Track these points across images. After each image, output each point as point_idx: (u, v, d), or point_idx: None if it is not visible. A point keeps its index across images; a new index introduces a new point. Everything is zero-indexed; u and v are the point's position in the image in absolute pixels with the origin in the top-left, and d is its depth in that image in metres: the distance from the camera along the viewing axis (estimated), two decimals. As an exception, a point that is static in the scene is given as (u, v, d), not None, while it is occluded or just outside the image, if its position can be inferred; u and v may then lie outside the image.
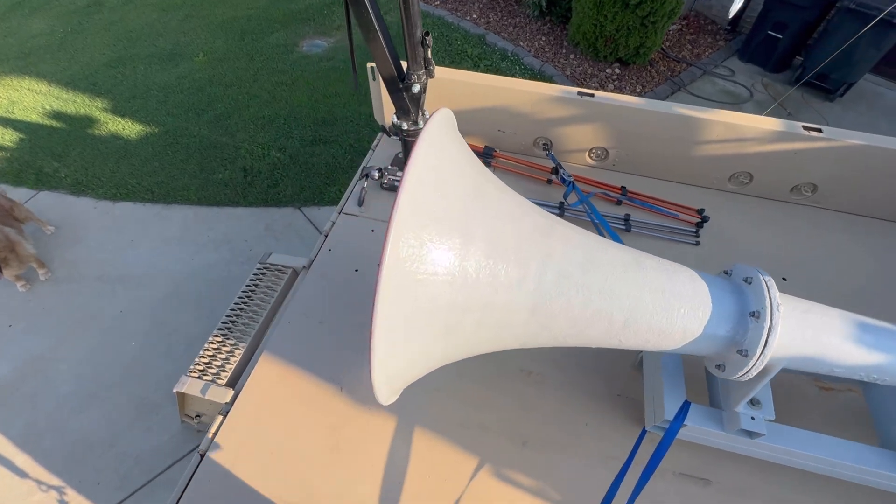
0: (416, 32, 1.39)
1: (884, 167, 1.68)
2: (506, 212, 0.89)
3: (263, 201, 4.04)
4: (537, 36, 5.71)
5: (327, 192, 4.09)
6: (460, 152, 0.90)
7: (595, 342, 0.96)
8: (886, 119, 4.93)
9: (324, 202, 4.05)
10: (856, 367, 0.90)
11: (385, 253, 0.73)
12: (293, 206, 4.03)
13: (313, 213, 3.98)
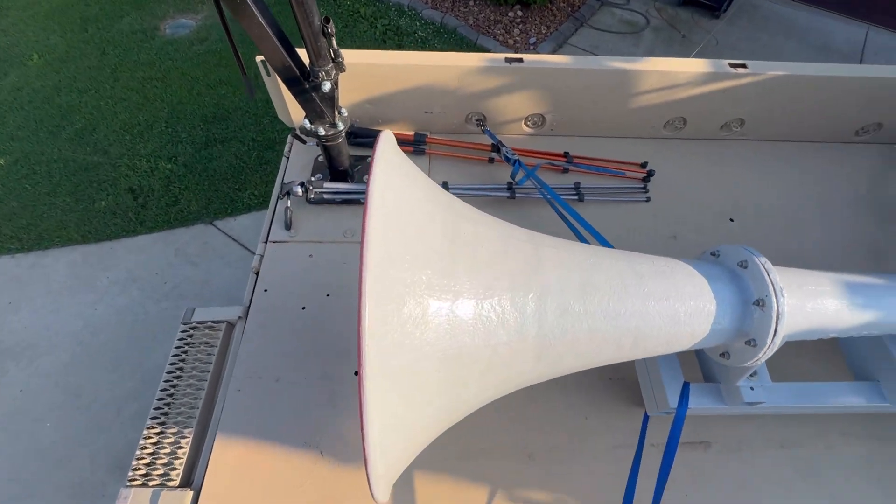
0: (314, 20, 1.12)
1: (803, 94, 1.73)
2: (487, 252, 0.73)
3: (166, 223, 3.51)
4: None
5: (240, 199, 3.63)
6: (422, 190, 0.72)
7: (600, 364, 0.87)
8: (766, 31, 5.29)
9: (238, 210, 3.60)
10: (850, 328, 0.90)
11: (362, 341, 0.56)
12: (203, 221, 3.54)
13: (229, 225, 3.54)
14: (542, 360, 0.76)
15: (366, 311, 0.55)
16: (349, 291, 1.49)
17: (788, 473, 1.23)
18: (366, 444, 0.60)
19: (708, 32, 5.23)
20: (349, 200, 1.67)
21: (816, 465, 1.25)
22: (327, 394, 1.31)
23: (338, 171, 1.65)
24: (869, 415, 1.29)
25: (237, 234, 3.48)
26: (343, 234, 1.62)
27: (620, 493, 1.12)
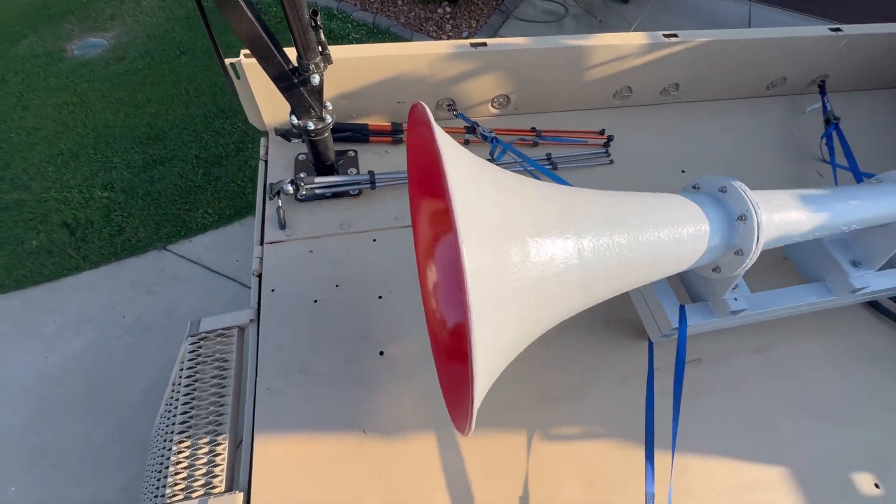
0: (304, 13, 1.16)
1: (723, 57, 1.99)
2: (531, 200, 0.83)
3: (112, 255, 3.26)
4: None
5: (193, 220, 3.46)
6: (466, 154, 0.80)
7: (622, 291, 0.99)
8: (668, 12, 5.84)
9: (192, 231, 3.42)
10: (807, 232, 1.10)
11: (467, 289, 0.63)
12: (155, 248, 3.33)
13: (185, 248, 3.36)
14: (584, 288, 0.87)
15: (466, 259, 0.62)
16: (358, 280, 1.53)
17: (766, 373, 1.45)
18: (473, 376, 0.67)
19: (620, 16, 5.70)
20: (339, 194, 1.70)
21: (787, 363, 1.47)
22: (357, 376, 1.34)
23: (324, 166, 1.67)
24: (815, 313, 1.54)
25: (196, 256, 3.32)
26: (339, 226, 1.64)
27: (640, 415, 1.26)
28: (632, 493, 1.21)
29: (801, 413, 1.39)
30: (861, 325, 1.57)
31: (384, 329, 1.44)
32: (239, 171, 3.72)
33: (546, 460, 1.25)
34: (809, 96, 2.27)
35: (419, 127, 0.90)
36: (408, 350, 1.40)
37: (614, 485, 1.23)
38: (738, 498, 1.24)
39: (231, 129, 3.96)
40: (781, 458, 1.31)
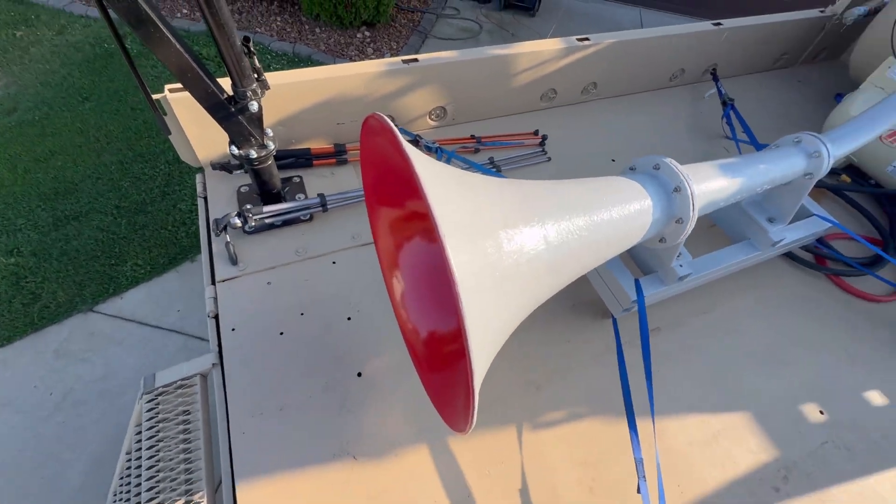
0: (236, 41, 1.14)
1: (630, 55, 2.20)
2: (496, 195, 0.87)
3: (29, 325, 2.91)
4: (271, 17, 5.26)
5: (121, 274, 3.18)
6: (427, 157, 0.83)
7: (585, 270, 1.06)
8: (572, 21, 6.34)
9: (122, 287, 3.15)
10: (730, 196, 1.24)
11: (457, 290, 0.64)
12: (79, 311, 3.02)
13: (116, 305, 3.08)
14: (553, 271, 0.92)
15: (451, 256, 0.64)
16: (323, 305, 1.49)
17: (714, 331, 1.59)
18: (472, 368, 0.68)
19: (530, 29, 6.09)
20: (290, 221, 1.66)
21: (729, 319, 1.63)
22: (337, 402, 1.30)
23: (271, 194, 1.62)
24: (745, 270, 1.72)
25: (130, 313, 3.05)
26: (295, 253, 1.60)
27: (617, 389, 1.33)
28: (623, 464, 1.27)
29: (749, 361, 1.53)
30: (783, 275, 1.78)
31: (358, 350, 1.41)
32: (168, 216, 3.48)
33: (538, 449, 1.28)
34: (706, 83, 2.56)
35: (377, 136, 0.92)
36: (386, 366, 1.38)
37: (606, 459, 1.28)
38: (711, 447, 1.33)
39: (153, 174, 3.71)
40: (739, 404, 1.43)
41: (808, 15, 2.55)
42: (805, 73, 2.84)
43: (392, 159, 0.95)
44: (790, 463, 1.33)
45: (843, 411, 1.45)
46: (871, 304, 1.74)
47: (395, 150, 0.73)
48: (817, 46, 2.77)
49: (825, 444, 1.38)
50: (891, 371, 1.57)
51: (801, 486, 1.30)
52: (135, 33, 1.04)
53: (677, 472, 1.29)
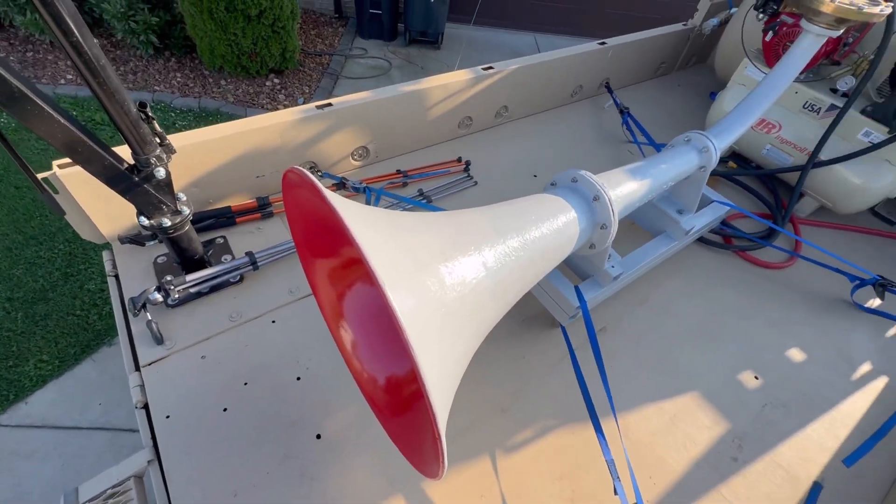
0: (130, 108, 1.07)
1: (534, 76, 2.37)
2: (431, 233, 0.87)
3: None
4: (171, 74, 5.03)
5: (23, 375, 2.77)
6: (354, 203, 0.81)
7: (527, 289, 1.09)
8: (474, 50, 6.72)
9: (26, 391, 2.74)
10: (642, 196, 1.35)
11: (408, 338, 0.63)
12: (-27, 428, 2.57)
13: (21, 412, 2.67)
14: (497, 295, 0.93)
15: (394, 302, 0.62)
16: (268, 369, 1.39)
17: (652, 319, 1.70)
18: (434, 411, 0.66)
19: (438, 61, 6.36)
20: (218, 286, 1.55)
21: (663, 305, 1.75)
22: (298, 471, 1.21)
23: (192, 261, 1.51)
24: (668, 260, 1.87)
25: (39, 418, 2.65)
26: (229, 319, 1.49)
27: (577, 394, 1.36)
28: (598, 467, 1.29)
29: (687, 341, 1.65)
30: (699, 257, 1.95)
31: (313, 410, 1.33)
32: (74, 301, 3.12)
33: (515, 473, 1.27)
34: (603, 96, 2.81)
35: (299, 190, 0.89)
36: (345, 422, 1.31)
37: (581, 467, 1.30)
38: (671, 431, 1.40)
39: (50, 255, 3.33)
40: (687, 384, 1.53)
41: (675, 28, 2.91)
42: (682, 77, 3.22)
43: (318, 211, 0.93)
44: (741, 432, 1.43)
45: (773, 372, 1.60)
46: (774, 271, 1.96)
47: (321, 202, 0.72)
48: (687, 54, 3.16)
49: (765, 407, 1.50)
50: (802, 327, 1.76)
51: (755, 450, 1.40)
52: (8, 112, 0.94)
53: (646, 464, 1.33)
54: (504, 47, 6.92)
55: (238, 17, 4.45)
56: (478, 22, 7.16)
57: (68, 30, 0.89)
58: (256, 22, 4.57)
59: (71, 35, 0.90)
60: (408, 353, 0.63)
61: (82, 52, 0.93)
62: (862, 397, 1.57)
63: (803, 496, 1.32)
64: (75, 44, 0.92)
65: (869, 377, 1.64)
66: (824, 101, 2.00)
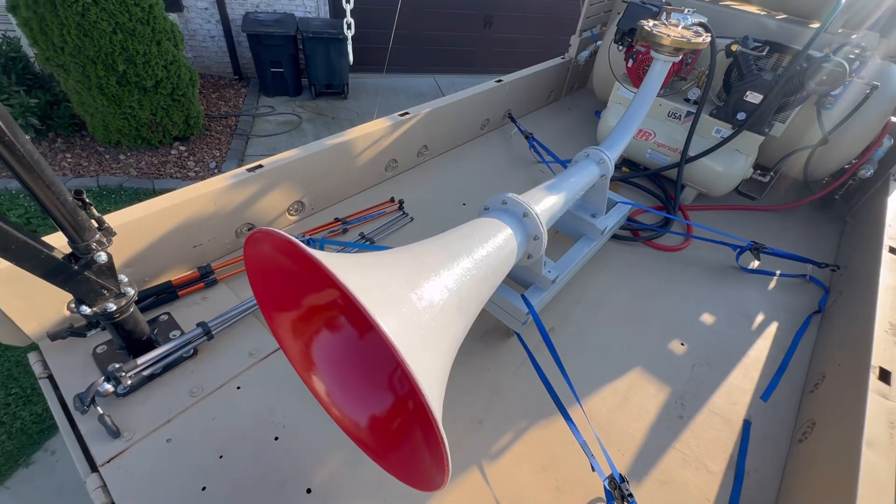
0: (67, 197, 1.07)
1: (446, 116, 2.60)
2: (397, 266, 0.98)
3: None
4: (59, 155, 4.67)
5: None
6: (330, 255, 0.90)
7: (483, 302, 1.22)
8: (375, 94, 7.03)
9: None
10: (561, 207, 1.56)
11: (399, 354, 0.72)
12: None
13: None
14: (462, 311, 1.05)
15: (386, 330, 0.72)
16: (243, 436, 1.36)
17: (590, 312, 1.91)
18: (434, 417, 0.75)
19: (347, 109, 6.56)
20: (171, 364, 1.49)
21: (596, 298, 1.98)
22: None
23: (141, 343, 1.45)
24: (593, 259, 2.13)
25: (-57, 574, 2.21)
26: (190, 395, 1.44)
27: (542, 392, 1.50)
28: (574, 453, 1.42)
29: (622, 326, 1.88)
30: (616, 252, 2.24)
31: (298, 465, 1.32)
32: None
33: (502, 477, 1.36)
34: (508, 126, 3.14)
35: (262, 247, 0.96)
36: (333, 469, 1.32)
37: (560, 456, 1.42)
38: (626, 406, 1.59)
39: (-67, 378, 2.85)
40: (630, 363, 1.74)
41: (556, 62, 3.36)
42: (570, 101, 3.69)
43: (284, 266, 0.99)
44: (681, 392, 1.66)
45: (694, 337, 1.87)
46: (676, 252, 2.30)
47: (297, 253, 0.79)
48: (570, 81, 3.65)
49: (694, 367, 1.75)
50: (707, 295, 2.08)
51: (694, 406, 1.62)
52: (-68, 221, 0.90)
53: (612, 439, 1.49)
54: (408, 90, 7.33)
55: (132, 90, 4.30)
56: (378, 70, 7.53)
57: (1, 130, 0.90)
58: (154, 93, 4.43)
59: (3, 135, 0.91)
60: (406, 371, 0.72)
61: (15, 150, 0.93)
62: (762, 343, 1.89)
63: (739, 433, 1.55)
64: (8, 143, 0.92)
65: (764, 325, 1.98)
66: (682, 109, 2.44)
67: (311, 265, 0.80)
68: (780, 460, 1.50)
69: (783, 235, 2.53)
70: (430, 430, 0.79)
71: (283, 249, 0.93)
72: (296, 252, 0.80)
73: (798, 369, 1.79)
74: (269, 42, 5.91)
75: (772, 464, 1.49)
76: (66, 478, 2.57)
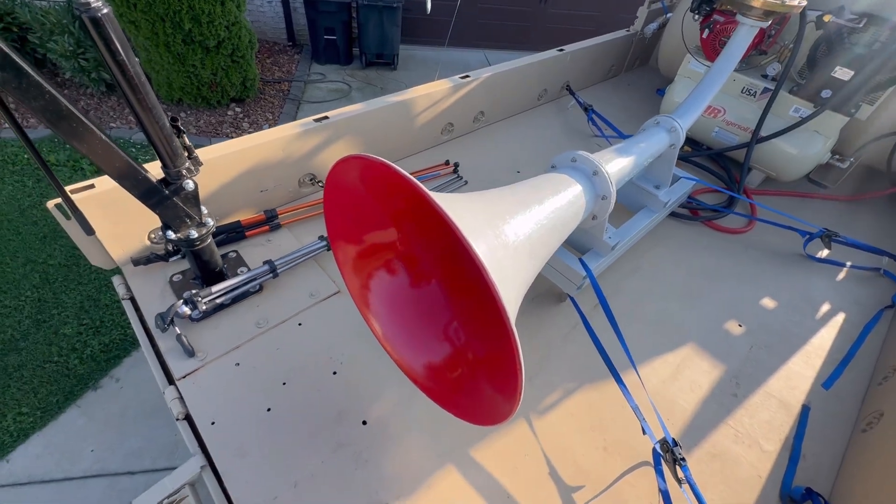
0: (164, 122, 1.13)
1: (505, 83, 2.56)
2: (487, 203, 1.00)
3: None
4: (126, 110, 4.91)
5: (1, 430, 2.59)
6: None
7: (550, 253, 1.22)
8: (425, 67, 6.97)
9: (8, 447, 2.57)
10: (630, 171, 1.52)
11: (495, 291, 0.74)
12: (-51, 496, 2.37)
13: (4, 471, 2.48)
14: (533, 255, 1.06)
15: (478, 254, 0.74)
16: (304, 368, 1.44)
17: (644, 284, 1.88)
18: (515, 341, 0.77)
19: (395, 80, 6.55)
20: (238, 297, 1.58)
21: (651, 271, 1.93)
22: (352, 457, 1.26)
23: (214, 274, 1.54)
24: (650, 233, 2.07)
25: (25, 474, 2.48)
26: (256, 326, 1.52)
27: (592, 356, 1.49)
28: (622, 417, 1.42)
29: (677, 301, 1.83)
30: (674, 230, 2.17)
31: (354, 399, 1.38)
32: (50, 347, 2.95)
33: (550, 432, 1.38)
34: (566, 98, 3.05)
35: (356, 168, 0.99)
36: (387, 405, 1.38)
37: (606, 418, 1.42)
38: (678, 378, 1.56)
39: (17, 304, 3.14)
40: (684, 338, 1.70)
41: (621, 34, 3.23)
42: (630, 78, 3.55)
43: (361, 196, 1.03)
44: (736, 371, 1.61)
45: (753, 319, 1.81)
46: (737, 235, 2.21)
47: (391, 179, 0.82)
48: (632, 57, 3.50)
49: (752, 348, 1.70)
50: (769, 280, 1.99)
51: (750, 386, 1.58)
52: (55, 131, 0.98)
53: (662, 408, 1.48)
54: (456, 64, 7.23)
55: (196, 49, 4.45)
56: (430, 42, 7.46)
57: (115, 49, 0.96)
58: (215, 53, 4.57)
59: (117, 54, 0.97)
60: (489, 287, 0.74)
61: (126, 69, 1.00)
62: (827, 331, 1.81)
63: (796, 417, 1.51)
64: (121, 62, 0.98)
65: (829, 315, 1.88)
66: (758, 85, 2.30)
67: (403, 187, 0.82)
68: (839, 447, 1.45)
69: (854, 226, 2.37)
70: (505, 356, 0.81)
71: (377, 171, 0.95)
72: (389, 173, 0.83)
73: (865, 361, 1.71)
74: (324, 8, 5.95)
75: (830, 450, 1.44)
76: (128, 403, 2.79)
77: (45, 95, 0.92)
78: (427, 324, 1.28)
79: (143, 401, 2.81)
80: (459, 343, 1.23)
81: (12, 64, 0.85)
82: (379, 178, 1.01)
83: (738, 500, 1.30)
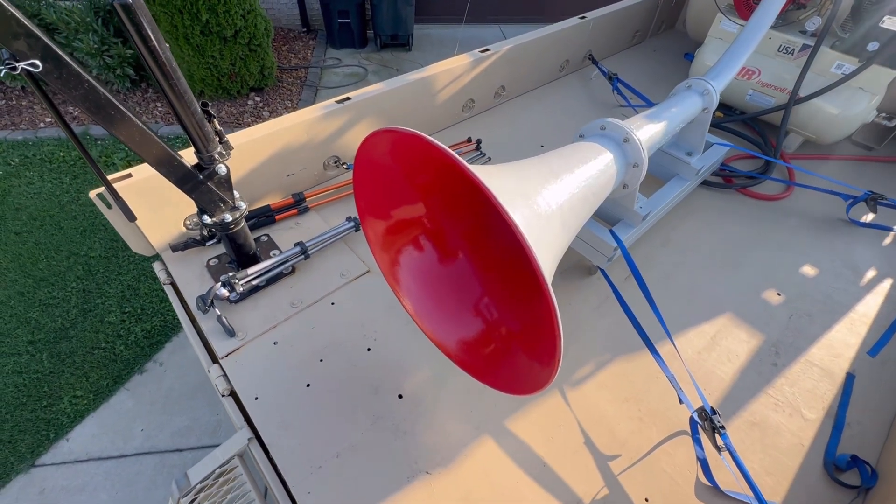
0: (196, 108, 1.15)
1: (525, 55, 2.50)
2: (521, 173, 0.99)
3: (-45, 513, 2.40)
4: (151, 104, 5.03)
5: (59, 413, 2.77)
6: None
7: (582, 222, 1.20)
8: (440, 46, 6.85)
9: (66, 427, 2.74)
10: (662, 137, 1.48)
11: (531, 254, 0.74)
12: (19, 472, 2.57)
13: (64, 450, 2.66)
14: (564, 226, 1.05)
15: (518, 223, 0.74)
16: (339, 345, 1.47)
17: (676, 255, 1.83)
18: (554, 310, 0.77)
19: (410, 61, 6.47)
20: (272, 279, 1.62)
21: (683, 242, 1.89)
22: (390, 428, 1.29)
23: (248, 257, 1.58)
24: (681, 203, 2.01)
25: (83, 452, 2.65)
26: (291, 306, 1.56)
27: (623, 328, 1.48)
28: (656, 387, 1.41)
29: (711, 272, 1.79)
30: (707, 199, 2.10)
31: (389, 374, 1.41)
32: (97, 335, 3.12)
33: (584, 403, 1.38)
34: (588, 68, 2.96)
35: (397, 143, 0.99)
36: (422, 379, 1.40)
37: (640, 388, 1.42)
38: (714, 349, 1.53)
39: (65, 295, 3.31)
40: (720, 308, 1.66)
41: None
42: (655, 44, 3.40)
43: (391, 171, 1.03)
44: (775, 340, 1.57)
45: (792, 288, 1.75)
46: (773, 202, 2.12)
47: (425, 151, 0.81)
48: (658, 21, 3.35)
49: (792, 317, 1.65)
50: (809, 247, 1.92)
51: (790, 355, 1.54)
52: (96, 119, 1.01)
53: (698, 378, 1.46)
54: (472, 40, 7.08)
55: (214, 40, 4.48)
56: (444, 20, 7.31)
57: (146, 35, 0.98)
58: (233, 42, 4.60)
59: (149, 40, 0.98)
60: (526, 255, 0.73)
61: (157, 55, 1.01)
62: (873, 298, 1.73)
63: (840, 386, 1.46)
64: (152, 48, 1.00)
65: (875, 281, 1.80)
66: (797, 42, 2.17)
67: (436, 157, 0.82)
68: (886, 415, 1.40)
69: (903, 189, 2.25)
70: (542, 323, 0.81)
71: (409, 143, 0.95)
72: (423, 144, 0.82)
73: (914, 327, 1.63)
74: (337, -9, 5.89)
75: (876, 418, 1.40)
76: (172, 385, 2.93)
77: (84, 84, 0.95)
78: (458, 299, 1.29)
79: (185, 383, 2.95)
80: (492, 317, 1.23)
81: (53, 55, 0.88)
82: (410, 151, 1.01)
83: (779, 467, 1.28)
